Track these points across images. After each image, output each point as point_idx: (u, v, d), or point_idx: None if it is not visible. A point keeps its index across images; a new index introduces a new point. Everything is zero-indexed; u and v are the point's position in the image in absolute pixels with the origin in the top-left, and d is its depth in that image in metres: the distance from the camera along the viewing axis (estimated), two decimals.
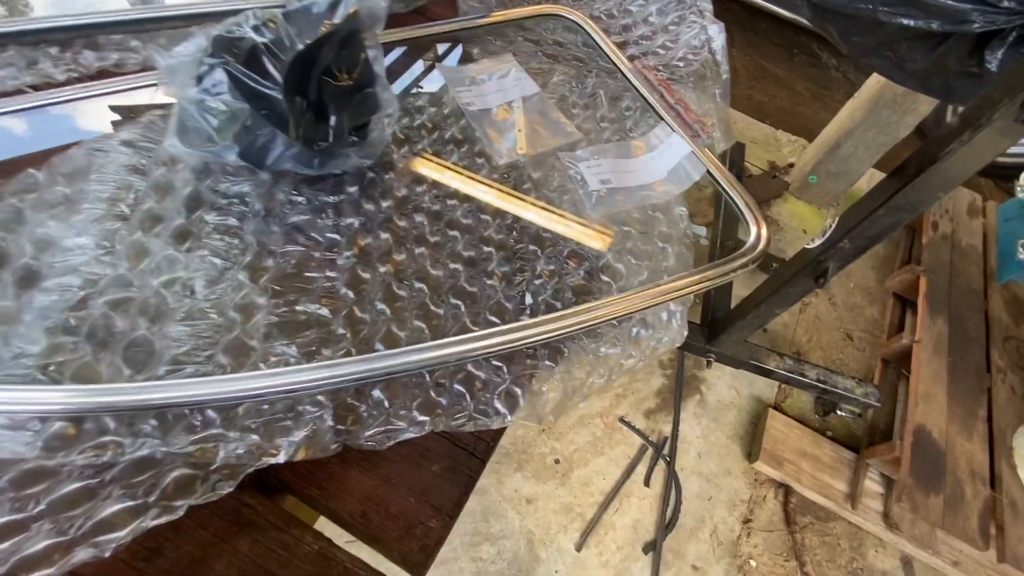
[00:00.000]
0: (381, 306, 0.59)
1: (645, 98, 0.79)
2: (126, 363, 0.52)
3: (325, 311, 0.58)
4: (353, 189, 0.67)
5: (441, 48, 0.85)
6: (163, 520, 0.45)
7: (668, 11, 0.90)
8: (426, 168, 0.70)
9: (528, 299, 0.61)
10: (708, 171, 0.71)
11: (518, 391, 0.55)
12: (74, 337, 0.53)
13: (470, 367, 0.57)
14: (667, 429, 1.63)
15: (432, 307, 0.60)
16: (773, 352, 1.51)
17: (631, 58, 0.87)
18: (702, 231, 1.99)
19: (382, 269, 0.61)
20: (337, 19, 0.58)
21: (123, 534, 0.44)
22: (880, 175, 2.25)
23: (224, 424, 0.50)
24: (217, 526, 0.48)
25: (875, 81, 1.77)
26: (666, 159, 0.72)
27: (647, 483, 1.52)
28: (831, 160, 2.11)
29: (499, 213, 0.68)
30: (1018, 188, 1.79)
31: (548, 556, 1.39)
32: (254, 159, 0.59)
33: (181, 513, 0.46)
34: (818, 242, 1.10)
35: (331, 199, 0.66)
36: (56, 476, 0.46)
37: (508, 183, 0.71)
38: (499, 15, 0.87)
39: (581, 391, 0.61)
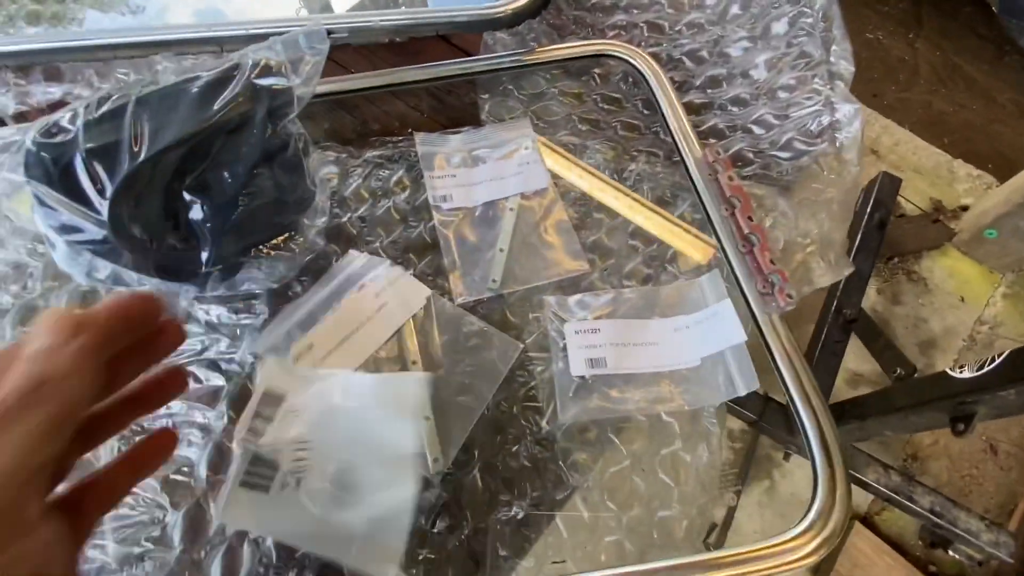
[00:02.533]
0: None
1: (707, 212, 0.53)
2: None
3: (165, 502, 0.44)
4: (263, 309, 0.51)
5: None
6: None
7: (783, 67, 0.59)
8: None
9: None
10: (782, 382, 0.44)
11: None
12: None
13: None
14: (720, 513, 1.37)
15: None
16: (876, 461, 1.17)
17: (707, 136, 0.60)
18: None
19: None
20: (219, 103, 0.40)
21: None
22: None
23: None
24: None
25: None
26: (706, 337, 0.46)
27: None
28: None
29: None
30: None
31: None
32: (118, 283, 0.45)
33: None
34: (968, 374, 0.78)
35: (232, 319, 0.51)
36: None
37: None
38: (539, 52, 0.63)
39: None
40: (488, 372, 0.48)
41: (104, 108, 0.39)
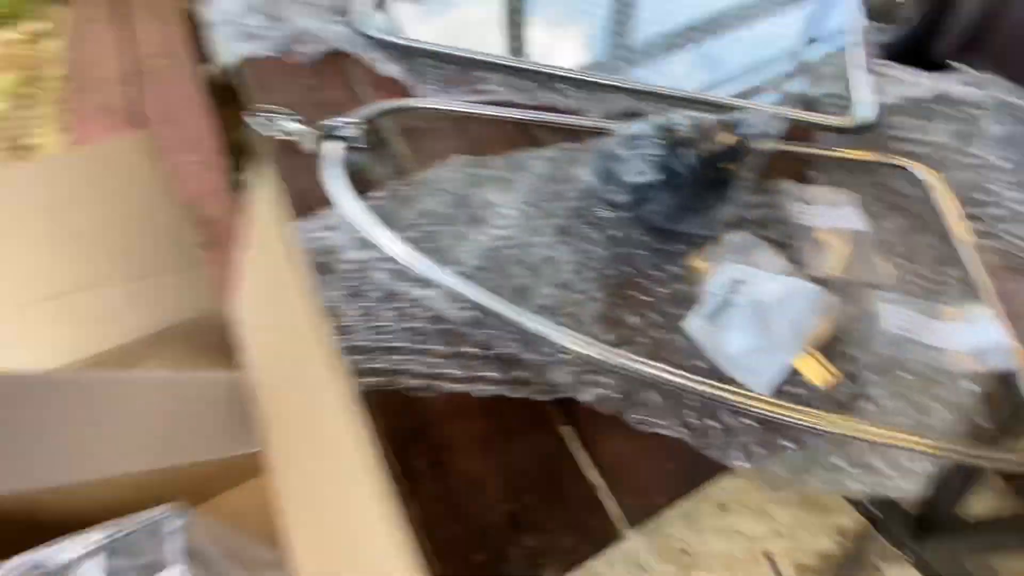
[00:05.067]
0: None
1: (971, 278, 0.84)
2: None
3: (637, 319, 0.80)
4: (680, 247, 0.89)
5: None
6: None
7: None
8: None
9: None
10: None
11: (762, 451, 0.70)
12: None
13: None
14: None
15: None
16: None
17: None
18: None
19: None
20: (739, 131, 0.80)
21: None
22: None
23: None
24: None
25: None
26: (975, 337, 0.77)
27: None
28: None
29: None
30: None
31: None
32: (635, 208, 0.85)
33: None
34: None
35: (682, 248, 0.89)
36: None
37: None
38: (849, 152, 1.01)
39: (793, 483, 0.72)
40: None
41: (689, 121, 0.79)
